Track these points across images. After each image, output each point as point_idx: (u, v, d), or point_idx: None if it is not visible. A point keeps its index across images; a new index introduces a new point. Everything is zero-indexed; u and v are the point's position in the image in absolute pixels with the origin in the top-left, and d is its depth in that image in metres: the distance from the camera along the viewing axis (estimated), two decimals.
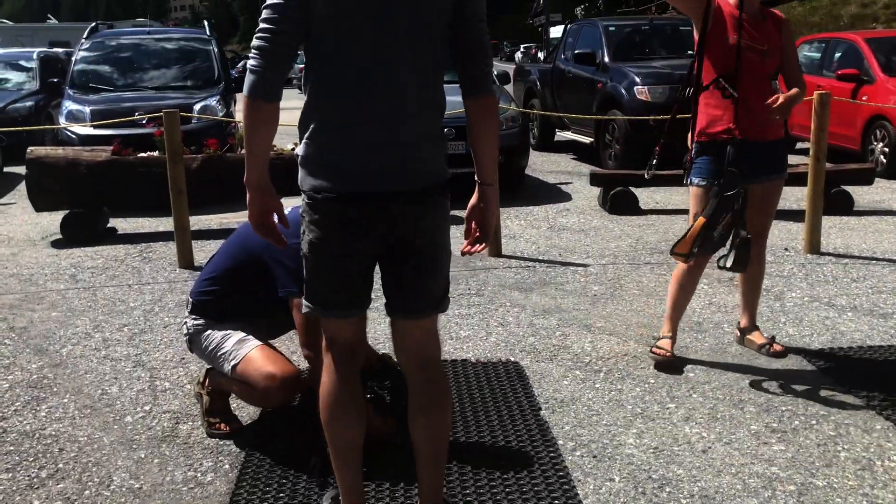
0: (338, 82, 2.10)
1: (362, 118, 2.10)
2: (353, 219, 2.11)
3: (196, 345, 3.12)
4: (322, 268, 2.18)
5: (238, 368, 2.95)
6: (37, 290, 5.24)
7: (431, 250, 2.20)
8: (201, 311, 3.11)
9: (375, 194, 2.10)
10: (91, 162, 6.58)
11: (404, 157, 2.12)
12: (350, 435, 2.27)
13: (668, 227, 6.60)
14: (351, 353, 2.27)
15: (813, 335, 4.13)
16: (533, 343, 4.09)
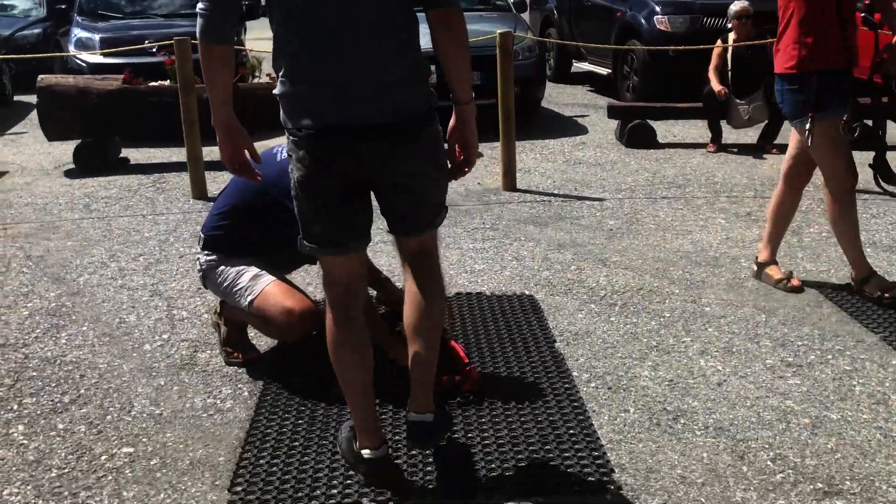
0: (302, 25, 2.10)
1: (329, 57, 2.09)
2: (333, 155, 2.13)
3: (210, 280, 3.12)
4: (311, 205, 2.20)
5: (255, 304, 2.95)
6: (51, 219, 5.25)
7: (418, 180, 2.22)
8: (213, 247, 3.10)
9: (353, 129, 2.11)
10: (102, 91, 6.52)
11: (379, 94, 2.12)
12: (357, 372, 2.30)
13: (686, 161, 6.53)
14: (348, 291, 2.28)
15: (830, 270, 4.10)
16: (548, 277, 4.08)
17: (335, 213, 2.20)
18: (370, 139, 2.13)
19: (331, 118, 2.12)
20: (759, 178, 5.98)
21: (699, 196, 5.51)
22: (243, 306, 2.99)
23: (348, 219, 2.22)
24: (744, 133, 7.33)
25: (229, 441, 2.65)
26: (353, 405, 2.35)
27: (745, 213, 5.09)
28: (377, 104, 2.12)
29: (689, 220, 4.98)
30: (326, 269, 2.30)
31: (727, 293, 3.83)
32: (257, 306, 2.95)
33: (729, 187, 5.73)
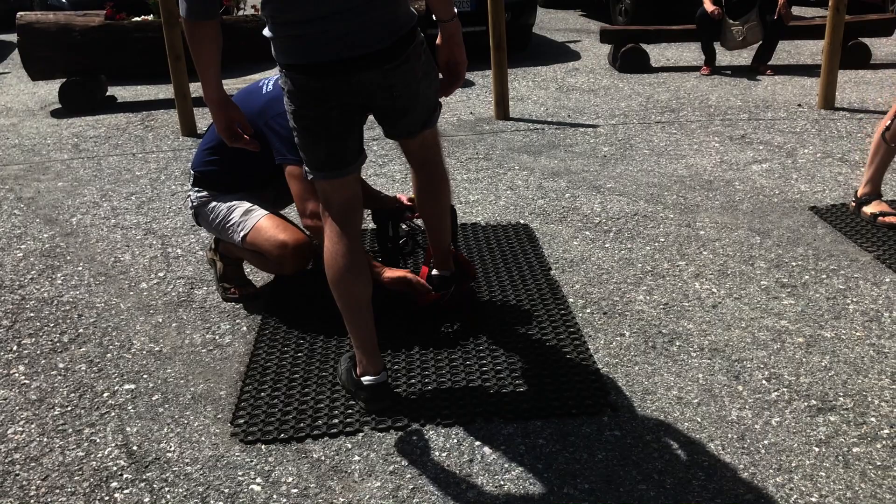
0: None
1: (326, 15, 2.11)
2: (328, 87, 2.17)
3: (202, 217, 3.10)
4: (309, 136, 2.26)
5: (248, 238, 2.94)
6: (40, 160, 5.20)
7: (410, 92, 2.29)
8: (204, 184, 3.06)
9: (346, 60, 2.15)
10: (84, 27, 6.38)
11: (368, 23, 2.14)
12: (357, 293, 2.35)
13: (680, 85, 6.45)
14: (347, 210, 2.34)
15: (825, 191, 4.10)
16: (542, 205, 4.07)
17: (333, 141, 2.26)
18: (362, 68, 2.16)
19: (324, 53, 2.14)
20: (754, 100, 5.92)
21: (693, 120, 5.47)
22: (236, 242, 2.98)
23: (346, 143, 2.28)
24: (738, 55, 7.24)
25: (230, 375, 2.68)
26: (355, 328, 2.39)
27: (739, 136, 5.06)
28: (367, 34, 2.15)
29: (683, 144, 4.95)
30: (326, 193, 2.34)
31: (721, 216, 3.83)
32: (251, 241, 2.94)
33: (723, 110, 5.67)
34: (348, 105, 2.23)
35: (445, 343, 2.78)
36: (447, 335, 2.83)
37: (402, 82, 2.24)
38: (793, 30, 6.86)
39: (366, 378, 2.41)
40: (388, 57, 2.18)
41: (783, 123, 5.31)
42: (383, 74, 2.19)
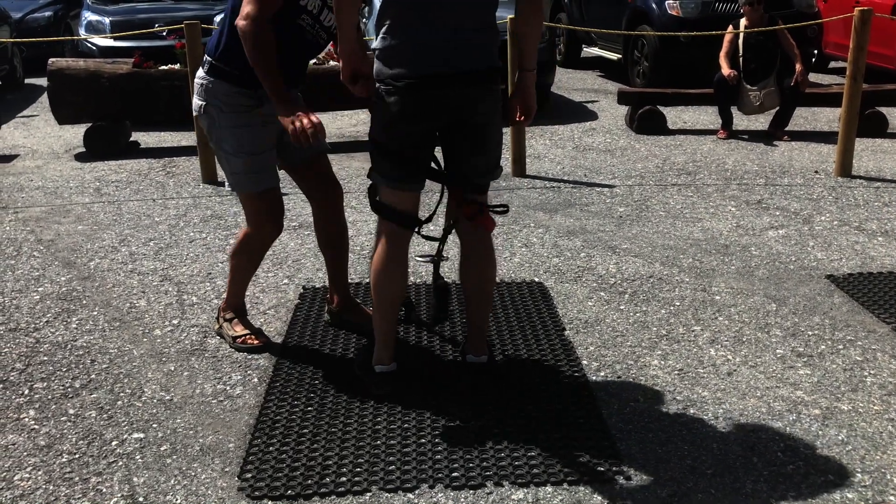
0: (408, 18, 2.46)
1: (429, 14, 2.45)
2: (424, 102, 2.48)
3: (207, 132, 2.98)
4: (393, 146, 2.56)
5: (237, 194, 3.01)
6: (62, 203, 5.26)
7: (487, 129, 2.58)
8: (218, 74, 2.85)
9: (442, 77, 2.46)
10: (112, 74, 6.51)
11: (466, 44, 2.47)
12: (392, 290, 2.70)
13: (697, 148, 6.49)
14: (405, 224, 2.66)
15: (842, 259, 4.08)
16: (557, 264, 4.07)
17: (411, 155, 2.57)
18: (459, 85, 2.49)
19: (427, 67, 2.45)
20: (771, 165, 5.94)
21: (710, 183, 5.48)
22: (227, 181, 3.02)
23: (420, 161, 2.60)
24: (755, 119, 7.29)
25: (239, 427, 2.66)
26: (382, 318, 2.73)
27: (755, 201, 5.06)
28: (468, 54, 2.48)
29: (699, 207, 4.96)
30: (392, 202, 2.64)
31: (737, 282, 3.81)
32: (239, 197, 3.01)
33: (740, 175, 5.69)
34: (434, 125, 2.54)
35: (458, 402, 2.76)
36: (461, 394, 2.81)
37: (485, 108, 2.54)
38: (810, 97, 6.91)
39: (379, 366, 2.78)
40: (481, 80, 2.51)
41: (800, 190, 5.32)
42: (474, 95, 2.51)
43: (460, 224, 2.73)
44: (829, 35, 9.77)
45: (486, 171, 2.66)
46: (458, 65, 2.47)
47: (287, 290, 3.76)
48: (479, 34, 2.52)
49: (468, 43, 2.49)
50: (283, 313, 3.51)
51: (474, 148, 2.60)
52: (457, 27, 2.47)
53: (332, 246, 3.28)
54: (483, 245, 2.77)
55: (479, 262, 2.78)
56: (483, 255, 2.78)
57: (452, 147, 2.63)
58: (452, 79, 2.47)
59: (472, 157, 2.62)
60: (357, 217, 4.74)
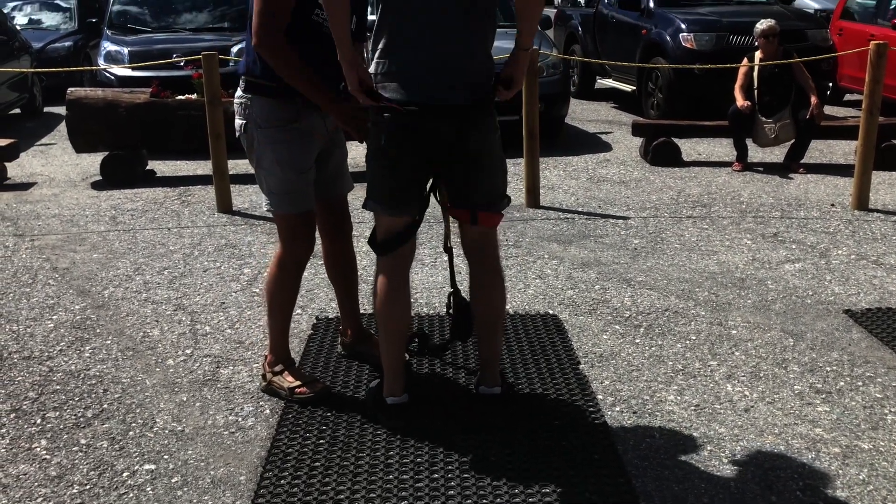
0: (394, 11, 2.48)
1: (422, 39, 2.47)
2: (420, 130, 2.49)
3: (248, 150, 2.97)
4: (386, 173, 2.57)
5: (273, 213, 2.99)
6: (78, 231, 5.30)
7: (481, 159, 2.58)
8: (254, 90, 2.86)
9: (441, 107, 2.47)
10: (130, 104, 6.58)
11: (460, 70, 2.49)
12: (400, 320, 2.72)
13: (711, 180, 6.47)
14: (403, 254, 2.68)
15: (860, 294, 4.04)
16: (572, 296, 4.05)
17: (406, 182, 2.58)
18: (447, 118, 2.49)
19: (424, 95, 2.47)
20: (786, 198, 5.91)
21: (725, 216, 5.46)
22: (263, 207, 3.02)
23: (415, 188, 2.61)
24: (770, 152, 7.27)
25: (250, 460, 2.64)
26: (390, 354, 2.74)
27: (771, 234, 5.03)
28: (463, 85, 2.50)
29: (714, 240, 4.93)
30: (386, 232, 2.66)
31: (754, 316, 3.77)
32: (274, 216, 2.99)
33: (755, 207, 5.67)
34: (431, 152, 2.54)
35: (471, 436, 2.73)
36: (474, 427, 2.78)
37: (482, 139, 2.56)
38: (825, 130, 6.89)
39: (390, 398, 2.76)
40: (476, 111, 2.52)
41: (816, 223, 5.28)
42: (470, 126, 2.52)
43: (469, 246, 2.75)
44: (844, 68, 9.76)
45: (489, 194, 2.64)
46: (446, 97, 2.48)
47: (300, 320, 3.75)
48: (472, 64, 2.52)
49: (459, 73, 2.50)
50: (297, 344, 3.49)
51: (470, 176, 2.60)
52: (447, 56, 2.48)
53: (342, 277, 3.27)
54: (492, 273, 2.76)
55: (487, 291, 2.78)
56: (492, 283, 2.77)
57: (450, 176, 2.64)
58: (441, 111, 2.48)
59: (470, 183, 2.61)
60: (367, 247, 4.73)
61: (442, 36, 2.47)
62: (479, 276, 2.78)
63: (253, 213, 5.63)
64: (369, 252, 4.65)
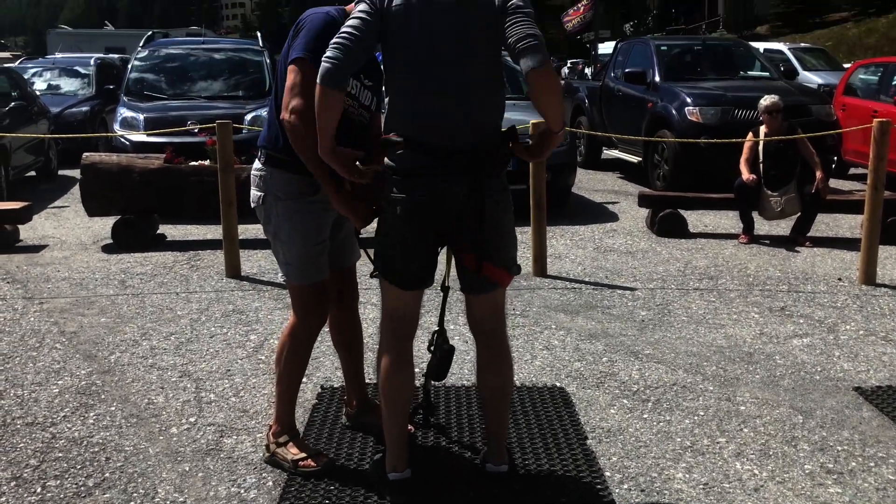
0: (409, 84, 2.55)
1: (426, 92, 2.52)
2: (433, 197, 2.52)
3: (263, 222, 2.99)
4: (398, 242, 2.59)
5: (287, 283, 2.99)
6: (87, 294, 5.32)
7: (493, 229, 2.59)
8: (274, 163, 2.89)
9: (454, 173, 2.51)
10: (144, 169, 6.69)
11: (470, 143, 2.52)
12: (403, 397, 2.71)
13: (718, 252, 6.49)
14: (409, 326, 2.70)
15: (870, 371, 4.01)
16: (579, 368, 4.03)
17: (418, 255, 2.60)
18: (465, 182, 2.53)
19: (437, 162, 2.51)
20: (793, 271, 5.92)
21: (732, 288, 5.46)
22: (279, 276, 3.02)
23: (425, 261, 2.63)
24: (776, 224, 7.30)
25: None
26: (392, 427, 2.72)
27: (778, 308, 5.02)
28: (469, 130, 2.54)
29: (721, 313, 4.92)
30: (393, 305, 2.68)
31: (762, 391, 3.74)
32: (289, 286, 2.99)
33: (762, 280, 5.67)
34: (442, 223, 2.57)
35: None
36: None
37: (489, 212, 2.57)
38: (831, 204, 6.94)
39: (392, 474, 2.73)
40: (482, 183, 2.54)
41: (823, 297, 5.27)
42: (477, 196, 2.53)
43: (476, 324, 2.76)
44: (848, 142, 9.88)
45: (499, 256, 2.63)
46: (453, 140, 2.52)
47: (305, 389, 3.73)
48: (478, 115, 2.56)
49: (465, 120, 2.53)
50: (301, 413, 3.47)
51: (479, 238, 2.59)
52: (452, 106, 2.52)
53: (347, 346, 3.28)
54: (499, 353, 2.76)
55: (495, 370, 2.77)
56: (499, 363, 2.77)
57: (460, 241, 2.63)
58: (461, 174, 2.52)
59: (480, 243, 2.60)
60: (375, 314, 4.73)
61: (446, 89, 2.52)
62: (486, 354, 2.77)
63: (261, 279, 5.65)
64: (376, 319, 4.66)
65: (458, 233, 2.61)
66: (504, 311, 2.81)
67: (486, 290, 2.69)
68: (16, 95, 10.02)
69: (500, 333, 2.78)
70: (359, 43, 2.45)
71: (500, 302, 2.76)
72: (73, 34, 30.45)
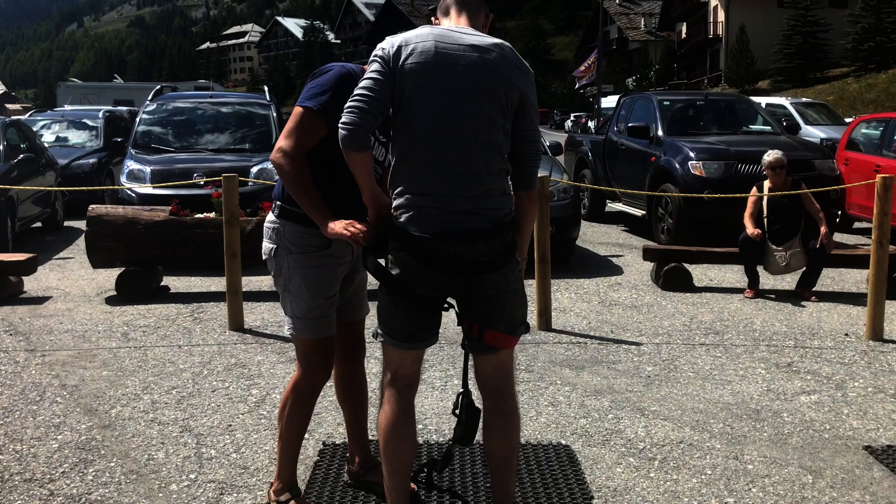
0: (417, 150, 2.53)
1: (434, 171, 2.52)
2: (436, 262, 2.51)
3: (273, 274, 2.99)
4: (399, 305, 2.57)
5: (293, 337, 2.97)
6: (89, 346, 5.30)
7: (498, 295, 2.57)
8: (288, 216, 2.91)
9: (445, 239, 2.49)
10: (149, 221, 6.72)
11: (475, 209, 2.52)
12: (404, 457, 2.67)
13: (724, 306, 6.46)
14: (409, 383, 2.67)
15: (879, 430, 3.95)
16: (584, 425, 3.98)
17: (420, 315, 2.58)
18: (471, 247, 2.52)
19: (441, 228, 2.50)
20: (799, 326, 5.88)
21: (738, 344, 5.42)
22: (286, 323, 2.98)
23: (428, 320, 2.60)
24: (781, 278, 7.28)
25: None
26: (393, 485, 2.68)
27: (785, 364, 4.97)
28: (480, 216, 2.52)
29: (728, 368, 4.88)
30: (394, 363, 2.65)
31: (770, 450, 3.68)
32: (294, 340, 2.97)
33: (768, 335, 5.63)
34: (446, 286, 2.55)
35: None
36: None
37: (494, 276, 2.56)
38: (836, 258, 6.93)
39: None
40: (487, 248, 2.53)
41: (830, 353, 5.23)
42: (482, 260, 2.53)
43: (483, 382, 2.73)
44: (852, 197, 9.91)
45: (503, 316, 2.61)
46: (460, 226, 2.50)
47: (307, 445, 3.69)
48: (486, 203, 2.54)
49: (476, 210, 2.52)
50: (302, 471, 3.42)
51: (485, 308, 2.58)
52: (461, 186, 2.51)
53: (351, 401, 3.24)
54: (507, 413, 2.72)
55: (502, 430, 2.72)
56: (506, 423, 2.72)
57: (462, 310, 2.61)
58: (466, 240, 2.50)
59: (486, 314, 2.59)
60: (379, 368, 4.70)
61: (454, 167, 2.51)
62: (493, 413, 2.73)
63: (264, 332, 5.63)
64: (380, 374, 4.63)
65: (458, 299, 2.60)
66: (512, 369, 2.77)
67: (489, 351, 2.66)
68: (24, 147, 10.13)
69: (507, 392, 2.74)
70: (374, 103, 2.45)
71: (506, 361, 2.72)
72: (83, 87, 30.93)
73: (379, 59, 2.53)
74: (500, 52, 2.57)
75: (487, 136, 2.53)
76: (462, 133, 2.51)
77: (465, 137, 2.51)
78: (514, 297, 2.63)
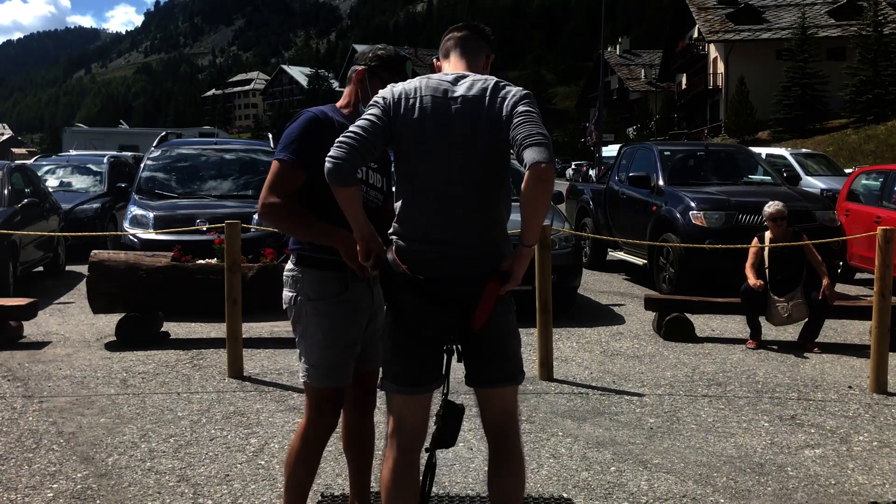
0: (417, 202, 2.56)
1: (431, 211, 2.54)
2: (430, 301, 2.50)
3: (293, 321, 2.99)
4: (394, 343, 2.58)
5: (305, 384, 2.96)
6: (88, 393, 5.26)
7: (497, 335, 2.59)
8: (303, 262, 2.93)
9: (448, 281, 2.49)
10: (150, 267, 6.72)
11: (475, 256, 2.52)
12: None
13: (726, 357, 6.42)
14: (414, 438, 2.64)
15: (885, 485, 3.89)
16: (586, 478, 3.92)
17: (422, 356, 2.57)
18: (469, 288, 2.50)
19: (438, 270, 2.50)
20: (802, 378, 5.84)
21: (741, 395, 5.38)
22: (300, 370, 2.96)
23: (431, 362, 2.59)
24: (784, 329, 7.25)
25: None
26: None
27: (789, 417, 4.93)
28: (477, 259, 2.53)
29: (731, 421, 4.83)
30: (398, 414, 2.62)
31: None
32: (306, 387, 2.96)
33: (771, 387, 5.58)
34: (447, 326, 2.53)
35: None
36: None
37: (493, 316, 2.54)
38: (839, 309, 6.90)
39: None
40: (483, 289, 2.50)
41: (834, 406, 5.18)
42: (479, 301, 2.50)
43: (488, 424, 2.71)
44: (854, 248, 9.93)
45: (504, 371, 2.63)
46: (458, 272, 2.51)
47: None
48: (484, 247, 2.55)
49: (474, 255, 2.53)
50: None
51: (482, 355, 2.59)
52: (457, 228, 2.52)
53: (357, 452, 3.20)
54: (512, 460, 2.69)
55: (507, 478, 2.69)
56: (512, 470, 2.70)
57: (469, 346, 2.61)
58: (453, 285, 2.50)
59: (482, 362, 2.60)
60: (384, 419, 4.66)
61: (451, 209, 2.53)
62: (499, 460, 2.70)
63: (263, 380, 5.60)
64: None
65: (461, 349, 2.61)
66: (517, 412, 2.75)
67: (502, 380, 2.65)
68: (28, 192, 10.19)
69: (514, 435, 2.72)
70: (364, 143, 2.47)
71: (512, 401, 2.71)
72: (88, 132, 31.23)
73: (380, 105, 2.57)
74: (491, 95, 2.54)
75: (486, 185, 2.56)
76: (462, 187, 2.53)
77: (465, 191, 2.53)
78: (513, 340, 2.67)
